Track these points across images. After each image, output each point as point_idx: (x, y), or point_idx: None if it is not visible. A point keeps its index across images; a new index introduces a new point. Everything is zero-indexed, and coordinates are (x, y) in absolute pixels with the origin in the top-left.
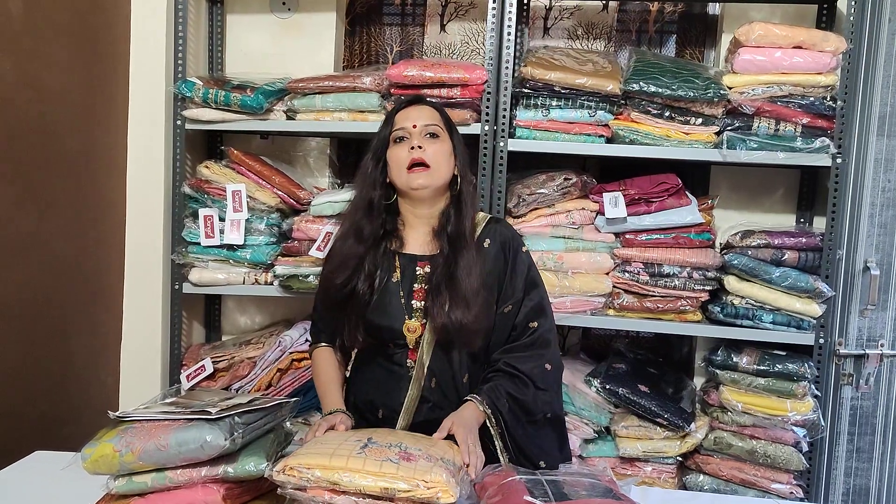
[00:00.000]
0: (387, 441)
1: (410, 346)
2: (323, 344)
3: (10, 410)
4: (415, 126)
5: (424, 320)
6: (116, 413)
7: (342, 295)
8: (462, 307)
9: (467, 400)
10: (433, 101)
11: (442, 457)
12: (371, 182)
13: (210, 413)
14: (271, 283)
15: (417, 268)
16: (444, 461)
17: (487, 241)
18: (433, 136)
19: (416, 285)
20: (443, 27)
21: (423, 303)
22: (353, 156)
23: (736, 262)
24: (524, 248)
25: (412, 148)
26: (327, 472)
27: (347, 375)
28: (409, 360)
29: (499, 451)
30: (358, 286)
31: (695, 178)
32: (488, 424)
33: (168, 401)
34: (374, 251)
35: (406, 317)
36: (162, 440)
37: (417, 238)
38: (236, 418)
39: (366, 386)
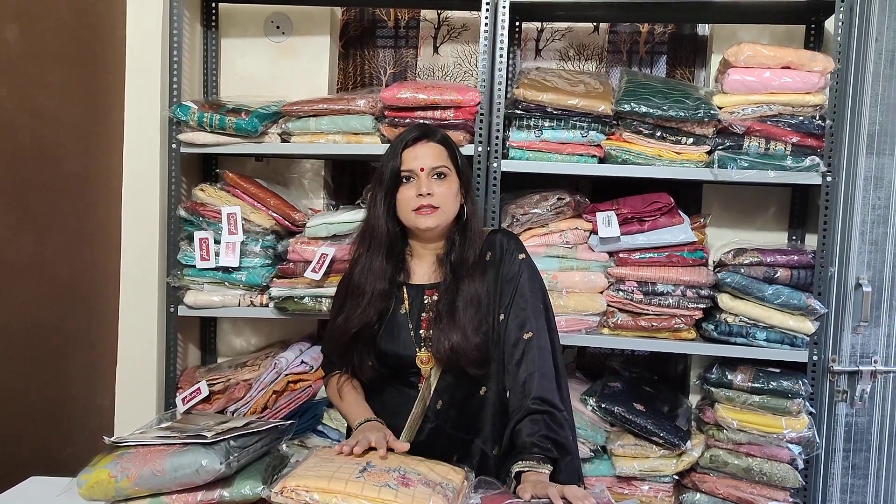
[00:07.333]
0: (385, 465)
1: (424, 375)
2: (337, 371)
3: (6, 434)
4: (422, 169)
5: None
6: (112, 438)
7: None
8: (460, 335)
9: (521, 472)
10: (438, 131)
11: (441, 481)
12: (383, 217)
13: (206, 437)
14: (267, 305)
15: (425, 297)
16: (444, 485)
17: (489, 253)
18: (441, 176)
19: (423, 314)
20: (436, 49)
21: (429, 331)
22: (348, 177)
23: (729, 280)
24: (521, 256)
25: (420, 195)
26: (326, 496)
27: None
28: (420, 383)
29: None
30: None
31: (687, 196)
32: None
33: (164, 425)
34: (387, 288)
35: (416, 348)
36: (157, 465)
37: (424, 267)
38: (232, 442)
39: (375, 406)
